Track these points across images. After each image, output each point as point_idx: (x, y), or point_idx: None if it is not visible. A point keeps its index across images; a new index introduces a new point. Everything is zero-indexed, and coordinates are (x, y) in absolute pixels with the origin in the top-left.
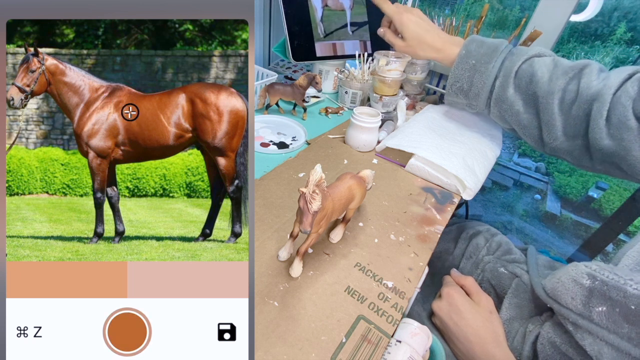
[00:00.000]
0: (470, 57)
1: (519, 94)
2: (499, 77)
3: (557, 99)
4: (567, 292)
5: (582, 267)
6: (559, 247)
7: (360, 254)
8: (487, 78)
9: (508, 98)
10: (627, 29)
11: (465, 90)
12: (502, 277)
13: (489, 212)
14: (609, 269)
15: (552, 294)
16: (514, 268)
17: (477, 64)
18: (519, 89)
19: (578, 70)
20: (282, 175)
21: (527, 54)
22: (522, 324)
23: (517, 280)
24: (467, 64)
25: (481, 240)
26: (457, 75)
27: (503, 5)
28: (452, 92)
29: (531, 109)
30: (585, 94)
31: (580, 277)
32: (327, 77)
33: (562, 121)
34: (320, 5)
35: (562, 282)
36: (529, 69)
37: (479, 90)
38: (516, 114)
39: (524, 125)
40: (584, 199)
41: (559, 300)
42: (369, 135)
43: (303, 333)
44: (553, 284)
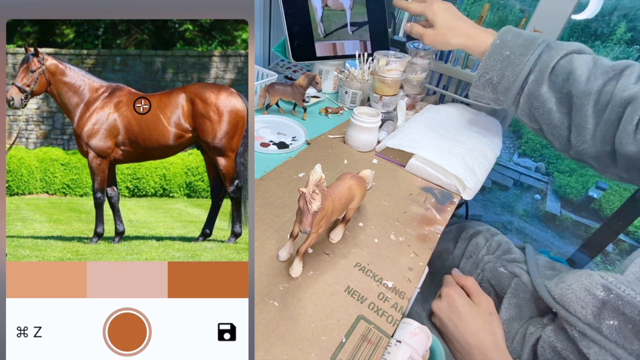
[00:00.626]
0: (505, 47)
1: (553, 92)
2: (533, 72)
3: (592, 101)
4: (577, 300)
5: (597, 278)
6: (559, 247)
7: (360, 254)
8: (521, 71)
9: (541, 95)
10: (627, 29)
11: (494, 83)
12: (502, 276)
13: (489, 212)
14: (626, 283)
15: (560, 299)
16: (513, 268)
17: (511, 56)
18: (554, 86)
19: (619, 71)
20: (282, 175)
21: (566, 49)
22: (522, 325)
23: (516, 280)
24: (500, 54)
25: (481, 240)
26: (488, 65)
27: (503, 5)
28: (480, 84)
29: (564, 109)
30: (620, 97)
31: (595, 287)
32: (327, 77)
33: (594, 124)
34: (320, 5)
35: (573, 289)
36: (568, 65)
37: (510, 84)
38: (548, 112)
39: (554, 125)
40: (584, 199)
41: (567, 308)
42: (369, 135)
43: (303, 333)
44: (562, 290)
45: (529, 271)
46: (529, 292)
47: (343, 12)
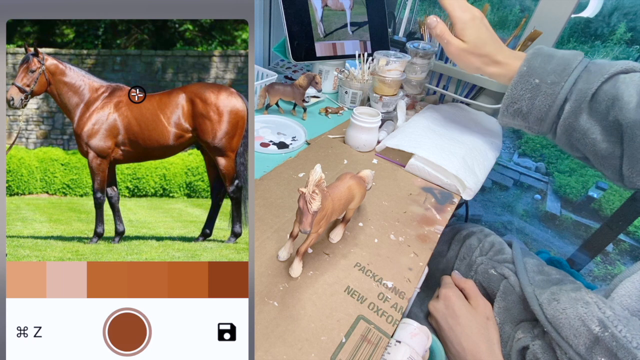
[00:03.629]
0: (533, 74)
1: (595, 120)
2: (569, 101)
3: None
4: (570, 327)
5: (594, 309)
6: (559, 247)
7: (360, 254)
8: (554, 101)
9: (581, 125)
10: (627, 29)
11: (524, 113)
12: (492, 278)
13: (489, 212)
14: (624, 322)
15: (552, 320)
16: (502, 269)
17: (541, 84)
18: (597, 114)
19: None
20: (282, 175)
21: (608, 72)
22: (512, 328)
23: (505, 282)
24: (528, 83)
25: (474, 241)
26: (514, 95)
27: (504, 5)
28: (508, 113)
29: (612, 137)
30: None
31: (590, 320)
32: (327, 77)
33: None
34: (320, 5)
35: (567, 315)
36: (612, 90)
37: (543, 115)
38: (592, 143)
39: (602, 155)
40: (584, 199)
41: (560, 332)
42: (369, 135)
43: (303, 333)
44: (555, 312)
45: (517, 276)
46: (516, 295)
47: (343, 12)
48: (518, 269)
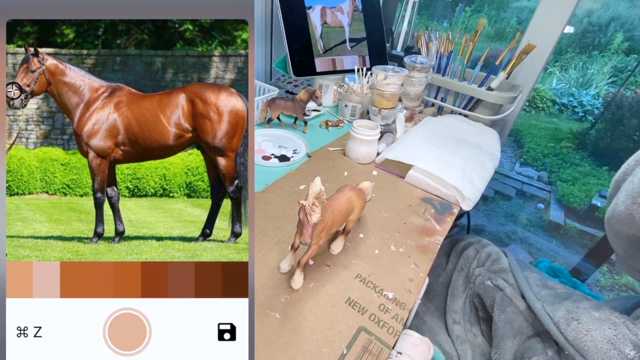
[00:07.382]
0: None
1: None
2: None
3: None
4: (598, 351)
5: (624, 331)
6: (564, 257)
7: (360, 265)
8: None
9: None
10: (624, 39)
11: None
12: (488, 290)
13: (492, 222)
14: None
15: (575, 343)
16: (497, 280)
17: None
18: None
19: None
20: (283, 187)
21: None
22: (514, 342)
23: (500, 295)
24: None
25: (472, 252)
26: None
27: (500, 18)
28: None
29: None
30: None
31: (622, 343)
32: (327, 91)
33: None
34: (320, 22)
35: (592, 338)
36: None
37: None
38: None
39: None
40: (587, 207)
41: (586, 355)
42: (369, 148)
43: (304, 345)
44: (578, 334)
45: (523, 293)
46: (514, 307)
47: (342, 29)
48: (522, 285)
